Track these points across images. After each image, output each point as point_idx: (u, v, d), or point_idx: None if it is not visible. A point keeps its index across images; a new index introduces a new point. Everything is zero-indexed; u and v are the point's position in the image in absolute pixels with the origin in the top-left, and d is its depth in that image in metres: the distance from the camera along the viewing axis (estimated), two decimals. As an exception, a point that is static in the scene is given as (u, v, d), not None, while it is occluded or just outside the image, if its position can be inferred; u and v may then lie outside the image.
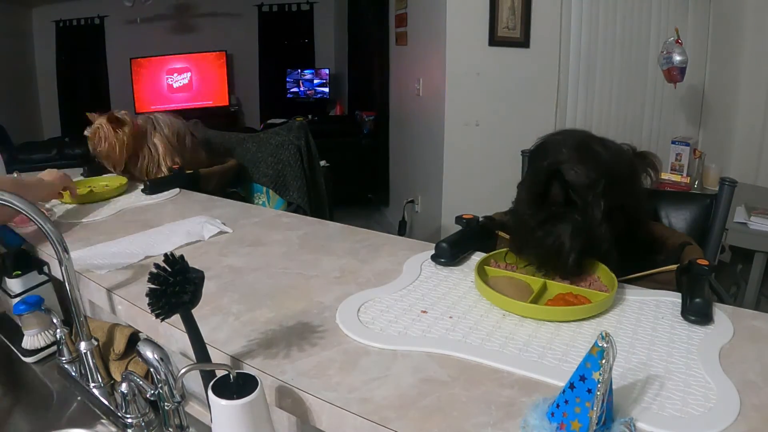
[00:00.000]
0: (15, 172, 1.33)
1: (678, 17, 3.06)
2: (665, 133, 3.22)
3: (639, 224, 0.97)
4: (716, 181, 1.46)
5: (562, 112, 3.08)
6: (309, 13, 6.09)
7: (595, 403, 0.46)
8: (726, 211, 1.20)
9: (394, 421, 0.53)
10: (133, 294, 0.83)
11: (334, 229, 1.12)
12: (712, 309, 0.71)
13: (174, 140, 1.58)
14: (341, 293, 0.81)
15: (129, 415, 0.76)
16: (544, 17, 2.90)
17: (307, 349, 0.66)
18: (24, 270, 1.02)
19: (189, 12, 5.86)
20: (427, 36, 3.13)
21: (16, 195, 0.73)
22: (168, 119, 1.61)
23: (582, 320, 0.71)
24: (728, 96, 2.97)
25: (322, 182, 1.89)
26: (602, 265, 0.83)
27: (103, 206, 1.34)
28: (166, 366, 0.67)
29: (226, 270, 0.91)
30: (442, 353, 0.64)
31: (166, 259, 0.57)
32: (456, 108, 2.92)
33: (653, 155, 1.11)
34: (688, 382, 0.57)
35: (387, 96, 4.13)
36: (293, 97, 6.02)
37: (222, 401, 0.53)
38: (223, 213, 1.23)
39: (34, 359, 1.00)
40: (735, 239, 2.09)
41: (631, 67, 3.15)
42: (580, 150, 0.86)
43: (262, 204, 1.80)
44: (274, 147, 1.78)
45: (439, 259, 0.90)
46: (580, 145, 0.87)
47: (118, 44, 5.68)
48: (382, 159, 4.27)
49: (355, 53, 5.50)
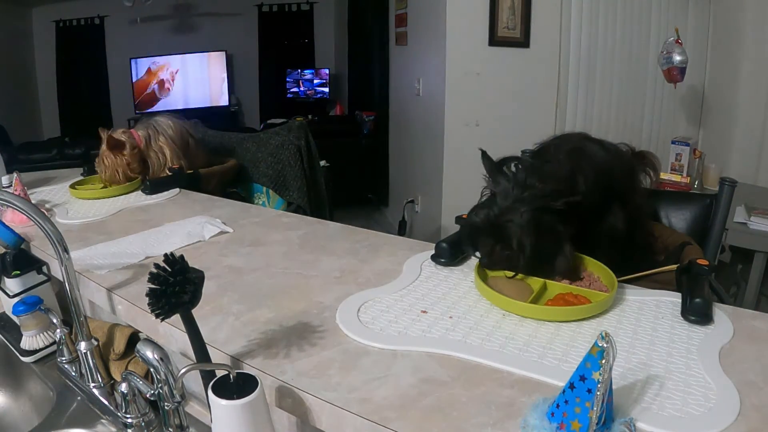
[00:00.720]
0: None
1: (678, 17, 3.06)
2: (665, 133, 3.22)
3: (638, 224, 0.97)
4: (716, 181, 1.46)
5: (562, 112, 3.08)
6: (309, 13, 6.09)
7: (595, 403, 0.46)
8: (726, 211, 1.20)
9: (394, 421, 0.53)
10: (133, 294, 0.83)
11: (334, 229, 1.12)
12: (712, 309, 0.71)
13: (179, 140, 1.59)
14: (341, 293, 0.81)
15: (129, 415, 0.76)
16: (544, 17, 2.90)
17: (307, 349, 0.66)
18: (23, 270, 1.02)
19: (189, 12, 5.86)
20: (427, 36, 3.13)
21: (16, 195, 0.73)
22: (169, 121, 1.61)
23: (582, 320, 0.71)
24: (728, 96, 2.97)
25: (322, 182, 1.89)
26: (602, 265, 0.83)
27: (103, 206, 1.34)
28: (166, 366, 0.67)
29: (226, 270, 0.91)
30: (442, 353, 0.64)
31: (166, 259, 0.57)
32: (456, 108, 2.92)
33: (652, 155, 1.11)
34: (688, 382, 0.57)
35: (387, 96, 4.13)
36: (293, 97, 6.02)
37: (222, 401, 0.53)
38: (223, 213, 1.23)
39: (33, 359, 1.00)
40: (735, 239, 2.09)
41: (631, 67, 3.15)
42: (573, 154, 0.87)
43: (262, 204, 1.80)
44: (274, 147, 1.78)
45: (439, 259, 0.90)
46: (573, 150, 0.89)
47: (118, 44, 5.68)
48: (382, 159, 4.27)
49: (355, 53, 5.50)
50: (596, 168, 0.88)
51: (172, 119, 1.63)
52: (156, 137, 1.55)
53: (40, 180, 1.59)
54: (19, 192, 1.27)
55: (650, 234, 1.03)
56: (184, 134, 1.62)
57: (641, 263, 0.89)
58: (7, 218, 1.17)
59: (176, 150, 1.57)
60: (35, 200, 1.37)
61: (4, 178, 1.45)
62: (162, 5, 5.67)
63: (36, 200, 1.38)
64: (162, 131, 1.57)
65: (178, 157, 1.56)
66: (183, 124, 1.65)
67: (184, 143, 1.61)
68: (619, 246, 0.89)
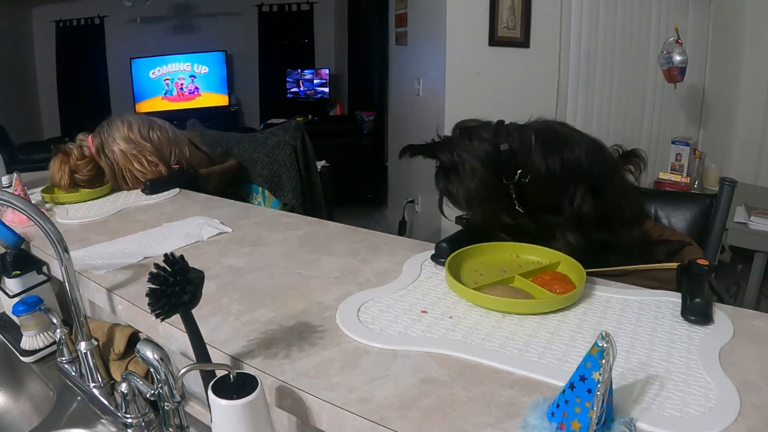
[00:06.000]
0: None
1: (678, 17, 3.06)
2: (665, 133, 3.22)
3: (626, 223, 0.97)
4: (716, 181, 1.46)
5: (562, 112, 3.08)
6: (309, 13, 6.09)
7: (595, 403, 0.46)
8: (726, 211, 1.20)
9: (394, 421, 0.53)
10: (133, 294, 0.83)
11: (334, 229, 1.12)
12: (712, 309, 0.71)
13: (134, 137, 1.47)
14: (341, 293, 0.81)
15: (129, 415, 0.76)
16: (544, 17, 2.90)
17: (307, 349, 0.66)
18: (23, 270, 1.02)
19: (189, 12, 5.86)
20: (427, 36, 3.12)
21: (16, 195, 0.73)
22: (123, 118, 1.50)
23: (582, 320, 0.71)
24: (728, 96, 2.97)
25: (318, 183, 1.87)
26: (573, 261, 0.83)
27: (103, 206, 1.34)
28: (166, 366, 0.67)
29: (226, 270, 0.91)
30: (442, 353, 0.64)
31: (166, 259, 0.57)
32: (456, 108, 2.92)
33: (638, 153, 1.11)
34: (688, 382, 0.57)
35: (387, 96, 4.13)
36: (293, 97, 6.02)
37: (222, 401, 0.53)
38: (222, 213, 1.23)
39: (33, 359, 1.00)
40: (735, 239, 2.09)
41: (631, 67, 3.15)
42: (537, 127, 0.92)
43: (258, 204, 1.80)
44: (270, 147, 1.77)
45: (439, 259, 0.90)
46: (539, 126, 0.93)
47: (118, 44, 5.67)
48: (382, 159, 4.27)
49: (355, 53, 5.50)
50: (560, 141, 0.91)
51: (128, 116, 1.52)
52: (108, 142, 1.46)
53: (40, 180, 1.59)
54: (19, 192, 1.27)
55: (649, 234, 1.03)
56: (143, 129, 1.50)
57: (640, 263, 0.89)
58: (7, 218, 1.17)
59: (131, 149, 1.46)
60: (35, 200, 1.37)
61: (4, 178, 1.45)
62: (162, 5, 5.67)
63: (36, 200, 1.38)
64: (113, 133, 1.46)
65: (134, 155, 1.46)
66: (141, 118, 1.54)
67: (143, 138, 1.49)
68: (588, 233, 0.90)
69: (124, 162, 1.46)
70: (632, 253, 0.94)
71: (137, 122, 1.51)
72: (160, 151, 1.51)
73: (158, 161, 1.49)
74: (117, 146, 1.46)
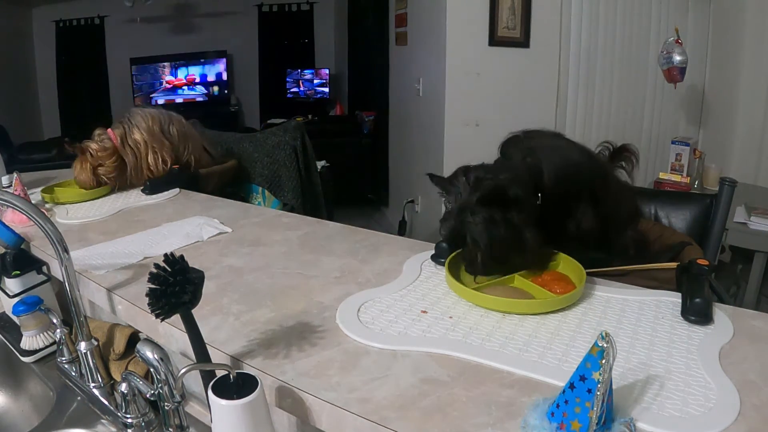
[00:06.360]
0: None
1: (678, 17, 3.06)
2: (665, 133, 3.22)
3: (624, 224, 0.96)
4: (716, 181, 1.46)
5: (562, 112, 3.08)
6: (309, 13, 6.09)
7: (595, 403, 0.46)
8: (726, 211, 1.20)
9: (394, 421, 0.53)
10: (133, 294, 0.83)
11: (334, 229, 1.12)
12: (712, 309, 0.71)
13: (157, 130, 1.51)
14: (341, 293, 0.81)
15: (129, 415, 0.76)
16: (544, 17, 2.90)
17: (307, 349, 0.66)
18: (23, 270, 1.02)
19: (189, 12, 5.86)
20: (427, 36, 3.12)
21: (16, 195, 0.73)
22: (145, 111, 1.54)
23: (582, 320, 0.71)
24: (728, 96, 2.97)
25: (318, 183, 1.87)
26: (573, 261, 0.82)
27: (103, 206, 1.34)
28: (166, 366, 0.67)
29: (226, 270, 0.91)
30: (442, 353, 0.64)
31: (166, 259, 0.57)
32: (456, 108, 2.92)
33: (628, 149, 1.10)
34: (688, 382, 0.57)
35: (387, 96, 4.13)
36: (293, 97, 6.02)
37: (222, 401, 0.53)
38: (222, 213, 1.23)
39: (33, 359, 1.00)
40: (735, 239, 2.09)
41: (631, 67, 3.15)
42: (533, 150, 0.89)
43: (258, 204, 1.80)
44: (270, 147, 1.77)
45: (439, 259, 0.90)
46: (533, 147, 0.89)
47: (118, 44, 5.67)
48: (382, 159, 4.27)
49: (355, 53, 5.49)
50: (559, 161, 0.88)
51: (149, 110, 1.56)
52: (130, 130, 1.48)
53: (40, 180, 1.59)
54: (19, 192, 1.27)
55: (648, 234, 1.03)
56: (164, 122, 1.54)
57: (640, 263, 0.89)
58: (7, 218, 1.17)
59: (153, 142, 1.49)
60: (35, 200, 1.37)
61: (4, 178, 1.46)
62: (162, 5, 5.67)
63: (36, 200, 1.38)
64: (136, 123, 1.49)
65: (158, 147, 1.49)
66: (162, 113, 1.57)
67: (165, 132, 1.53)
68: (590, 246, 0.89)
69: (146, 151, 1.49)
70: (628, 253, 0.94)
71: (158, 115, 1.55)
72: (176, 147, 1.56)
73: (173, 156, 1.53)
74: (141, 135, 1.49)
